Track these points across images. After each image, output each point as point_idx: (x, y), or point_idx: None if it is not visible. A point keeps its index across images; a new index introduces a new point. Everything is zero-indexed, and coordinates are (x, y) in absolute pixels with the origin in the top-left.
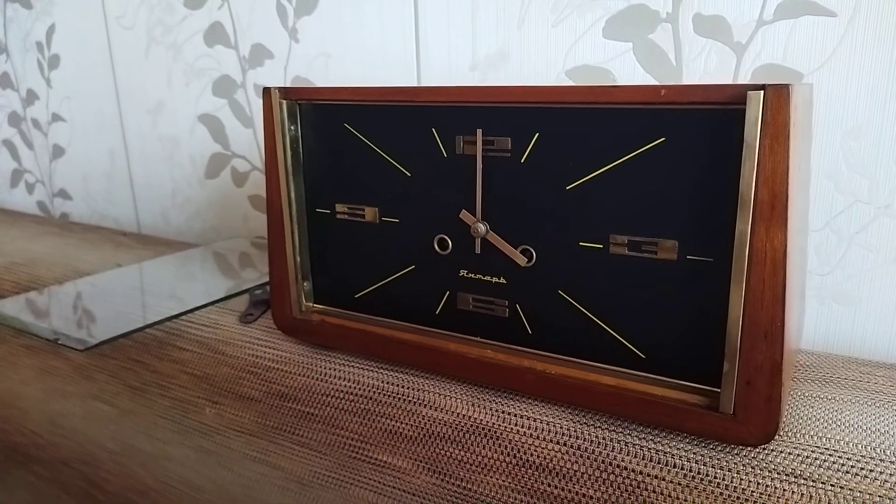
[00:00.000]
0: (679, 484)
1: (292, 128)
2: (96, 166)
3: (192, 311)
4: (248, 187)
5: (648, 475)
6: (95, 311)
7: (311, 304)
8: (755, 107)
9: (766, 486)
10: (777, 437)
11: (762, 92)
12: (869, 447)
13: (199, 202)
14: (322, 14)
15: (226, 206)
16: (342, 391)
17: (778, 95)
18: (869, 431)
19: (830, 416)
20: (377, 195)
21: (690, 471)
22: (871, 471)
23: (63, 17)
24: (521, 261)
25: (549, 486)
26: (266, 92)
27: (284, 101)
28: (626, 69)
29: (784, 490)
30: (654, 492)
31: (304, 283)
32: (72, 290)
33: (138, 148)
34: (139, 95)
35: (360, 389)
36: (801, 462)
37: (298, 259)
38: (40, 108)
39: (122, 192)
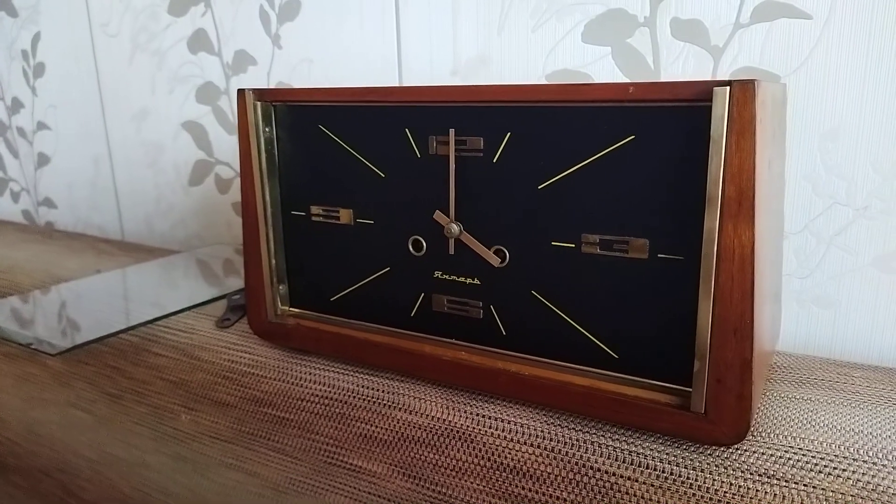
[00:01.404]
0: (652, 485)
1: (267, 130)
2: (81, 174)
3: (166, 316)
4: (231, 194)
5: (621, 476)
6: (71, 317)
7: (286, 308)
8: (721, 103)
9: (739, 486)
10: (750, 437)
11: (728, 88)
12: (843, 447)
13: (183, 209)
14: (305, 20)
15: (210, 213)
16: (317, 395)
17: (744, 91)
18: (844, 431)
19: (805, 416)
20: (352, 197)
21: (663, 472)
22: (843, 470)
23: (48, 26)
24: (495, 261)
25: (524, 489)
26: (240, 94)
27: (259, 103)
28: (605, 73)
29: (757, 490)
30: (626, 493)
31: (280, 287)
32: (49, 296)
33: (122, 155)
34: (123, 103)
35: (335, 393)
36: (775, 462)
37: (274, 262)
38: (25, 117)
39: (106, 199)
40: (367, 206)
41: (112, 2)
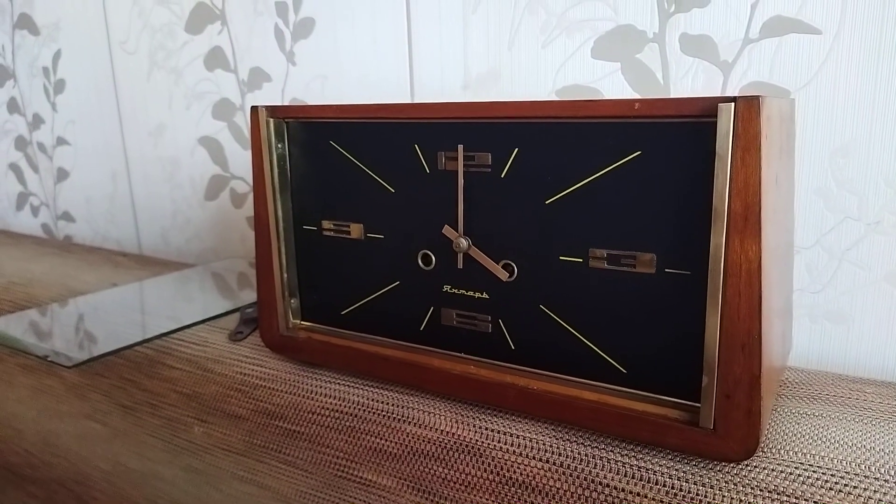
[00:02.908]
0: (661, 501)
1: (279, 146)
2: (99, 189)
3: (181, 329)
4: (246, 208)
5: (630, 492)
6: (87, 329)
7: (297, 322)
8: (726, 118)
9: (749, 503)
10: (760, 453)
11: (733, 104)
12: (853, 464)
13: (199, 223)
14: (318, 37)
15: (224, 228)
16: (328, 409)
17: (749, 107)
18: (854, 448)
19: (816, 432)
20: (362, 212)
21: (672, 488)
22: (854, 487)
23: (69, 43)
24: (503, 276)
25: None
26: (253, 110)
27: (272, 120)
28: (615, 88)
29: None
30: None
31: (292, 301)
32: (66, 309)
33: (140, 170)
34: (141, 119)
35: (345, 407)
36: (784, 479)
37: (285, 276)
38: (45, 132)
39: (123, 214)
40: (378, 221)
41: (131, 20)
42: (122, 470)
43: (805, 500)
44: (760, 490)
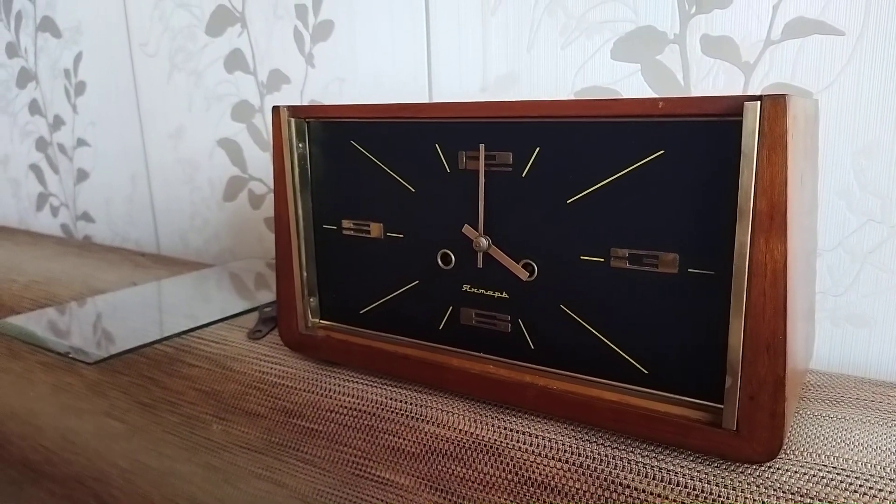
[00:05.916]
0: (682, 503)
1: (300, 145)
2: (118, 190)
3: (200, 327)
4: (263, 209)
5: (651, 493)
6: (107, 327)
7: (317, 320)
8: (752, 117)
9: None
10: (783, 455)
11: (759, 102)
12: (878, 466)
13: (217, 224)
14: (337, 40)
15: (242, 229)
16: (346, 407)
17: (775, 106)
18: (879, 450)
19: (839, 434)
20: (382, 211)
21: (693, 489)
22: (880, 490)
23: (90, 46)
24: (523, 275)
25: None
26: (275, 110)
27: (293, 120)
28: (635, 90)
29: None
30: None
31: (311, 299)
32: (86, 307)
33: (159, 172)
34: (161, 120)
35: (363, 405)
36: (808, 481)
37: (305, 275)
38: (66, 134)
39: (142, 215)
40: (397, 221)
41: (151, 23)
42: (140, 467)
43: (829, 502)
44: (783, 492)
